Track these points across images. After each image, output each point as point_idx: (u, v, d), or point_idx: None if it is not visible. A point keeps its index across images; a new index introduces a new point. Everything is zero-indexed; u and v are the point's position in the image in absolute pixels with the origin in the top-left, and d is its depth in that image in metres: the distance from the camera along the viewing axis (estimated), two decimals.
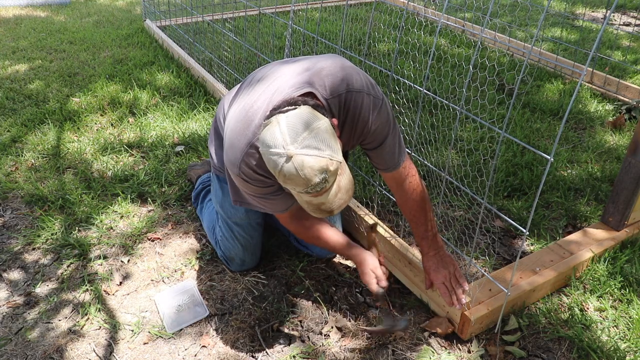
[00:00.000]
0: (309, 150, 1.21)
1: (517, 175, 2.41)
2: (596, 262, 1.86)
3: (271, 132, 1.25)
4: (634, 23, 4.85)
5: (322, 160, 1.22)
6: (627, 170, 1.85)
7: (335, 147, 1.26)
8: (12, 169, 2.53)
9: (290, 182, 1.24)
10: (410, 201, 1.64)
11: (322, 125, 1.26)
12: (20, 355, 1.61)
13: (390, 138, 1.55)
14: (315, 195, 1.26)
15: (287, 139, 1.22)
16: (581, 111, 3.06)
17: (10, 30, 4.54)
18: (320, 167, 1.21)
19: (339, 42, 2.48)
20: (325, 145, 1.23)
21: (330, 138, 1.26)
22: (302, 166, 1.20)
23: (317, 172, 1.21)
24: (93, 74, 3.58)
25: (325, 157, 1.22)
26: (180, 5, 4.81)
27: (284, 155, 1.21)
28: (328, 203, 1.28)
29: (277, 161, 1.23)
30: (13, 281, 1.90)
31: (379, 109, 1.49)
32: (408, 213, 1.67)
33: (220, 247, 1.92)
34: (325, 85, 1.43)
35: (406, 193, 1.63)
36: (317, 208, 1.30)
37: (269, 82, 1.48)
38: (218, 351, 1.63)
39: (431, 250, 1.66)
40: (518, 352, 1.59)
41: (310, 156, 1.21)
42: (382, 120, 1.51)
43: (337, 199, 1.29)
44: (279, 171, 1.23)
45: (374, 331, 1.65)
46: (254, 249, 1.89)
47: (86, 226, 2.15)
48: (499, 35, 3.98)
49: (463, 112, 1.58)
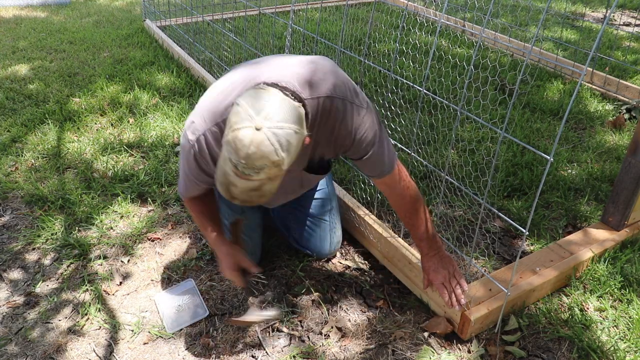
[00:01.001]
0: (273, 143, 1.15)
1: (517, 175, 2.41)
2: (596, 262, 1.86)
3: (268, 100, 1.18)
4: (634, 23, 4.85)
5: (276, 158, 1.15)
6: (627, 170, 1.85)
7: (294, 156, 1.21)
8: (12, 169, 2.53)
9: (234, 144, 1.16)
10: (404, 204, 1.63)
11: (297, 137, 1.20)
12: (20, 355, 1.61)
13: (377, 147, 1.49)
14: (237, 174, 1.18)
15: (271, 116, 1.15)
16: (581, 111, 3.06)
17: (10, 30, 4.54)
18: (269, 159, 1.15)
19: (339, 42, 2.48)
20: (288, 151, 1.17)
21: (297, 148, 1.21)
22: (258, 143, 1.13)
23: (261, 157, 1.14)
24: (93, 74, 3.58)
25: (279, 157, 1.16)
26: (180, 5, 4.81)
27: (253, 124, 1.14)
28: (238, 191, 1.21)
29: (244, 120, 1.15)
30: (13, 281, 1.90)
31: (363, 118, 1.43)
32: (403, 215, 1.66)
33: None
34: (307, 84, 1.37)
35: (399, 196, 1.62)
36: (227, 185, 1.22)
37: (254, 66, 1.43)
38: (218, 351, 1.63)
39: (430, 250, 1.66)
40: (518, 352, 1.59)
41: (270, 145, 1.14)
42: (367, 130, 1.45)
43: (249, 195, 1.22)
44: (237, 128, 1.15)
45: (239, 321, 1.61)
46: (253, 250, 1.88)
47: (86, 226, 2.15)
48: (499, 35, 3.98)
49: (464, 113, 1.58)
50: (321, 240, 1.91)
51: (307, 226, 1.90)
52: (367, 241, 1.99)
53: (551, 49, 4.04)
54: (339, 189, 2.11)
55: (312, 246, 1.92)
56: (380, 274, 1.92)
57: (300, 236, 1.93)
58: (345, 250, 2.03)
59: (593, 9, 5.47)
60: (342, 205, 2.06)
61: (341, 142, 1.46)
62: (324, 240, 1.91)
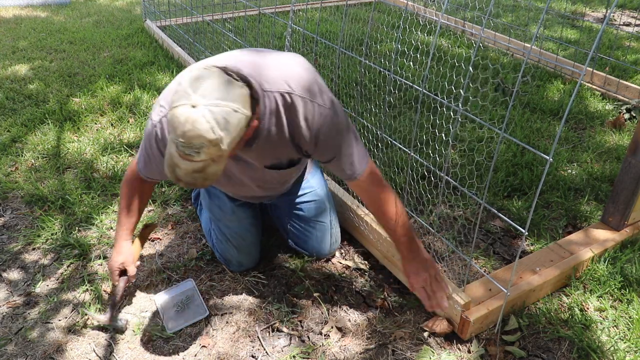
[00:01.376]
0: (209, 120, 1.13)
1: (517, 175, 2.41)
2: (596, 262, 1.86)
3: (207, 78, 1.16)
4: (634, 23, 4.85)
5: (212, 136, 1.13)
6: (627, 170, 1.85)
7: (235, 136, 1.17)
8: (12, 169, 2.53)
9: (172, 122, 1.15)
10: (380, 207, 1.58)
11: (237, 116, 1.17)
12: (20, 355, 1.61)
13: (345, 148, 1.46)
14: (180, 155, 1.17)
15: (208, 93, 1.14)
16: (581, 111, 3.06)
17: (10, 30, 4.54)
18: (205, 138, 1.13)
19: (339, 42, 2.48)
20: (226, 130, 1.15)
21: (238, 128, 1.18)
22: (193, 120, 1.12)
23: (197, 136, 1.13)
24: (93, 74, 3.58)
25: (215, 135, 1.13)
26: (180, 5, 4.81)
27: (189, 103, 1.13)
28: (182, 172, 1.19)
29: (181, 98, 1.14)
30: (13, 281, 1.90)
31: (325, 118, 1.39)
32: (379, 218, 1.61)
33: (217, 250, 1.92)
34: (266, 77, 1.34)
35: (373, 199, 1.58)
36: (172, 166, 1.20)
37: (224, 55, 1.43)
38: (218, 351, 1.63)
39: (410, 253, 1.61)
40: (518, 352, 1.59)
41: (206, 123, 1.12)
42: (329, 130, 1.41)
43: (193, 177, 1.20)
44: (174, 107, 1.15)
45: (95, 318, 1.69)
46: (248, 250, 1.88)
47: (86, 226, 2.15)
48: (498, 35, 3.98)
49: (464, 113, 1.58)
50: (319, 241, 1.91)
51: (304, 229, 1.90)
52: (367, 241, 1.99)
53: (551, 49, 4.04)
54: (338, 189, 2.11)
55: (310, 248, 1.92)
56: (380, 274, 1.92)
57: (297, 238, 1.94)
58: (345, 250, 2.03)
59: (593, 9, 5.47)
60: (342, 205, 2.06)
61: (301, 141, 1.42)
62: (321, 241, 1.91)
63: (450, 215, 2.19)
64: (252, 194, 1.73)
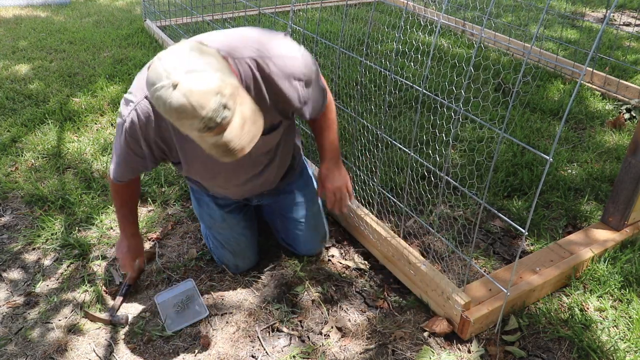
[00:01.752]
0: (195, 74, 1.06)
1: (517, 175, 2.41)
2: (596, 262, 1.86)
3: (153, 68, 1.10)
4: (634, 23, 4.85)
5: (212, 82, 1.07)
6: (627, 170, 1.85)
7: (227, 72, 1.12)
8: (12, 169, 2.53)
9: (185, 118, 1.08)
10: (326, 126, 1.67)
11: (210, 51, 1.13)
12: (20, 355, 1.61)
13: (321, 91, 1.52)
14: (218, 131, 1.10)
15: (168, 69, 1.07)
16: (581, 111, 3.06)
17: (10, 30, 4.54)
18: (211, 89, 1.06)
19: (339, 42, 2.48)
20: (214, 68, 1.09)
21: (221, 63, 1.12)
22: (191, 91, 1.05)
23: (210, 95, 1.06)
24: (93, 74, 3.58)
25: (215, 80, 1.07)
26: (180, 5, 4.81)
27: (169, 85, 1.06)
28: (236, 139, 1.12)
29: (164, 95, 1.06)
30: (13, 281, 1.90)
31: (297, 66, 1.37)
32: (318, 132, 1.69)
33: (214, 254, 1.93)
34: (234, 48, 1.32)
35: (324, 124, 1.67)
36: (226, 150, 1.14)
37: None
38: (218, 351, 1.63)
39: (331, 160, 1.70)
40: (518, 352, 1.59)
41: (198, 80, 1.06)
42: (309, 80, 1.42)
43: (245, 132, 1.13)
44: (169, 107, 1.07)
45: (95, 317, 1.70)
46: (244, 254, 1.88)
47: (86, 226, 2.15)
48: (498, 35, 3.98)
49: (464, 113, 1.58)
50: (306, 241, 1.92)
51: (292, 229, 1.91)
52: (367, 241, 1.99)
53: (551, 49, 4.04)
54: None
55: (299, 247, 1.94)
56: (380, 274, 1.92)
57: (287, 237, 1.95)
58: (345, 250, 2.04)
59: (593, 9, 5.47)
60: None
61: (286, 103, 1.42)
62: (308, 241, 1.93)
63: (450, 215, 2.19)
64: (237, 182, 1.65)
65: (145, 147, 1.43)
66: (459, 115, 1.56)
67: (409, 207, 2.23)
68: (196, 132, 1.11)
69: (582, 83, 3.35)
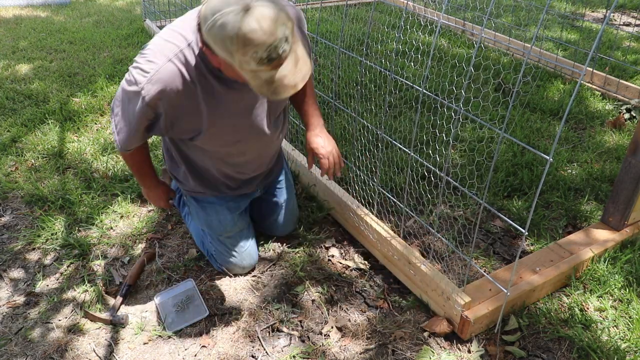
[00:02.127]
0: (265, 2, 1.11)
1: (517, 175, 2.41)
2: (596, 262, 1.86)
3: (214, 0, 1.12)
4: (634, 23, 4.85)
5: (281, 13, 1.12)
6: (627, 170, 1.85)
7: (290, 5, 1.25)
8: (12, 169, 2.53)
9: (250, 45, 1.10)
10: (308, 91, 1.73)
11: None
12: (20, 355, 1.61)
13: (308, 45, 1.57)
14: (276, 64, 1.14)
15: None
16: (581, 111, 3.06)
17: (10, 30, 4.54)
18: (280, 18, 1.11)
19: (339, 42, 2.48)
20: (277, 3, 1.14)
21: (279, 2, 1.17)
22: (263, 16, 1.09)
23: (279, 24, 1.11)
24: (93, 74, 3.58)
25: (282, 12, 1.12)
26: (180, 5, 4.81)
27: (240, 10, 1.08)
28: (290, 75, 1.18)
29: (233, 20, 1.08)
30: (13, 281, 1.90)
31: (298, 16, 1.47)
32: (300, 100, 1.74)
33: (217, 261, 1.90)
34: None
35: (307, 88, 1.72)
36: (281, 85, 1.19)
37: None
38: (218, 351, 1.63)
39: (317, 126, 1.74)
40: (518, 352, 1.59)
41: (269, 8, 1.10)
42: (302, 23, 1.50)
43: (298, 68, 1.19)
44: (237, 32, 1.09)
45: (95, 317, 1.70)
46: (250, 254, 1.89)
47: (86, 226, 2.15)
48: (498, 35, 3.98)
49: (465, 113, 1.58)
50: (286, 223, 2.01)
51: (271, 213, 1.98)
52: (367, 241, 1.99)
53: (551, 49, 4.04)
54: (338, 189, 2.11)
55: (277, 230, 2.02)
56: (380, 274, 1.92)
57: (274, 222, 2.00)
58: (345, 250, 2.04)
59: (593, 9, 5.47)
60: (342, 205, 2.06)
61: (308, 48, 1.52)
62: (288, 222, 2.02)
63: (450, 215, 2.19)
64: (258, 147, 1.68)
65: (163, 110, 1.38)
66: (459, 115, 1.56)
67: (409, 207, 2.23)
68: (254, 64, 1.14)
69: (582, 83, 3.35)
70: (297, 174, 2.36)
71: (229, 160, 1.68)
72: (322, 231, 2.11)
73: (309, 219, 2.15)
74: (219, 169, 1.71)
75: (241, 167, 1.73)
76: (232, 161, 1.69)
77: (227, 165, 1.70)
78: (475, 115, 2.94)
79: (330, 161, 1.72)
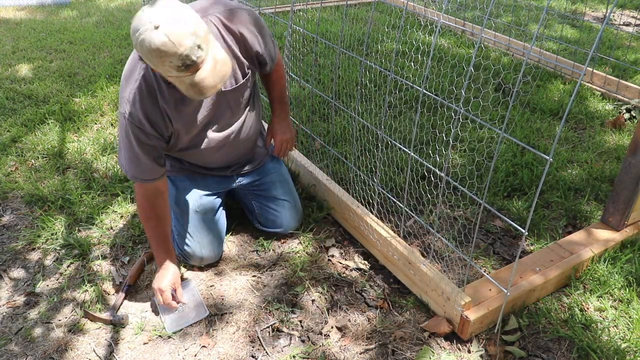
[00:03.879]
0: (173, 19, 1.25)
1: (517, 175, 2.41)
2: (596, 262, 1.86)
3: (137, 18, 1.27)
4: (634, 23, 4.85)
5: (188, 25, 1.26)
6: (627, 170, 1.85)
7: (200, 21, 1.31)
8: (12, 169, 2.53)
9: (166, 56, 1.25)
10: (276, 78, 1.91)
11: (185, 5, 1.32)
12: (20, 355, 1.61)
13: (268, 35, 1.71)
14: (194, 70, 1.29)
15: (150, 16, 1.25)
16: (581, 111, 3.06)
17: (10, 30, 4.54)
18: (187, 30, 1.25)
19: (339, 42, 2.48)
20: (189, 16, 1.28)
21: (194, 14, 1.30)
22: (171, 31, 1.24)
23: (187, 35, 1.25)
24: (93, 74, 3.58)
25: (190, 24, 1.26)
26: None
27: (152, 27, 1.24)
28: (210, 77, 1.32)
29: (148, 36, 1.24)
30: (13, 281, 1.90)
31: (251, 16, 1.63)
32: (271, 86, 1.94)
33: (176, 244, 1.90)
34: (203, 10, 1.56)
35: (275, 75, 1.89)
36: (202, 87, 1.33)
37: None
38: (218, 351, 1.63)
39: (282, 113, 1.99)
40: (518, 352, 1.59)
41: (176, 23, 1.25)
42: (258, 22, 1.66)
43: (218, 71, 1.33)
44: (152, 46, 1.24)
45: (95, 317, 1.71)
46: (211, 245, 1.89)
47: (86, 226, 2.15)
48: (499, 35, 3.98)
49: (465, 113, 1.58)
50: (288, 219, 2.01)
51: (272, 209, 2.00)
52: (367, 241, 1.99)
53: (551, 49, 4.04)
54: (338, 189, 2.11)
55: (280, 225, 2.01)
56: (380, 274, 1.92)
57: (266, 219, 2.02)
58: (345, 250, 2.04)
59: (593, 8, 5.47)
60: (342, 205, 2.06)
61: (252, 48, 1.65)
62: (291, 218, 2.02)
63: (450, 215, 2.19)
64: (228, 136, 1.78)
65: (149, 127, 1.55)
66: (459, 115, 1.56)
67: (409, 207, 2.23)
68: (175, 72, 1.29)
69: (582, 83, 3.35)
70: (297, 174, 2.36)
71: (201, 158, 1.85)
72: (322, 231, 2.12)
73: (309, 219, 2.15)
74: (190, 163, 1.89)
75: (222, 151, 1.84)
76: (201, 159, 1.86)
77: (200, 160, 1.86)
78: (475, 115, 2.94)
79: (283, 147, 2.03)
